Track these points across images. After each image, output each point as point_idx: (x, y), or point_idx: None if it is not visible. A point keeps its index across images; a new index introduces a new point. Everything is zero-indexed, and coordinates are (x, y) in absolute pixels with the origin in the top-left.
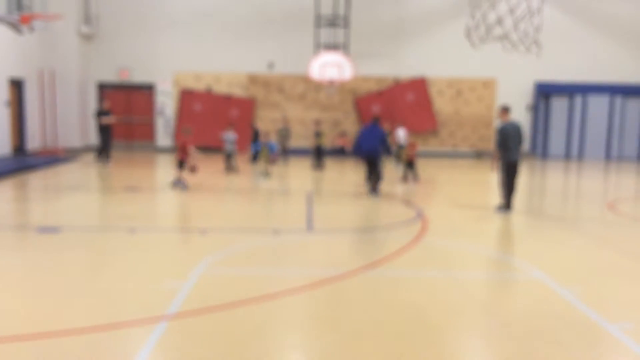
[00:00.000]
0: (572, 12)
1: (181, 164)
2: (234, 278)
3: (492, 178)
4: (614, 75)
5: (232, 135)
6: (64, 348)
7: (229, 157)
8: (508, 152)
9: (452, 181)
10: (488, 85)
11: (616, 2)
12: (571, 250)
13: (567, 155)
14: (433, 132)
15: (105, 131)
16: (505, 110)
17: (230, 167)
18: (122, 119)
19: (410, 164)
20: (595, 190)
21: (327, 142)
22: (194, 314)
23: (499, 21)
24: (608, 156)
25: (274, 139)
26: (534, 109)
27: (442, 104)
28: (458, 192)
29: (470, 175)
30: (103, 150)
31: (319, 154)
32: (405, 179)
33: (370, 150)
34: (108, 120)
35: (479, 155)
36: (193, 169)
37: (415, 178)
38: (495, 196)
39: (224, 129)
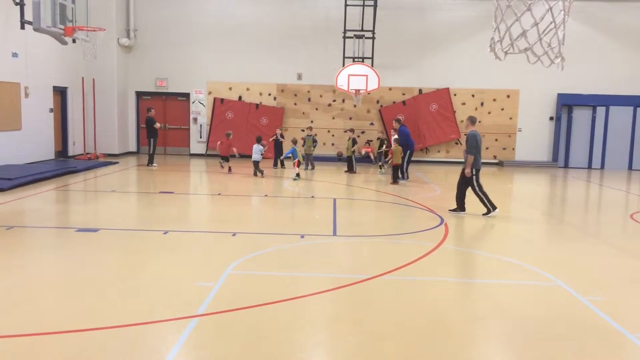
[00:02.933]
0: (594, 24)
1: (224, 158)
2: (262, 279)
3: (514, 187)
4: (637, 87)
5: (259, 147)
6: (99, 343)
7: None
8: (478, 158)
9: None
10: (511, 96)
11: (639, 14)
12: (593, 259)
13: (589, 166)
14: (456, 142)
15: (156, 137)
16: (472, 120)
17: (255, 173)
18: (163, 127)
19: (394, 168)
20: (618, 200)
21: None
22: (223, 312)
23: (524, 34)
24: (630, 167)
25: (296, 146)
26: (557, 119)
27: (465, 114)
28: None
29: (491, 184)
30: (152, 154)
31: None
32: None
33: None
34: (157, 126)
35: (501, 164)
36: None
37: (395, 180)
38: (516, 204)
39: (253, 137)
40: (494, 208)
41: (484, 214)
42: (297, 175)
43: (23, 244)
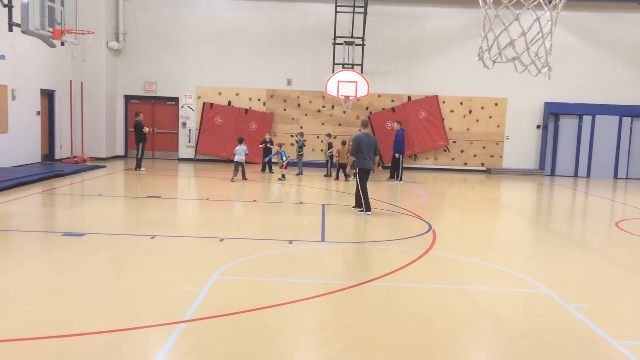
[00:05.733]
0: (582, 34)
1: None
2: (249, 285)
3: (501, 194)
4: (623, 97)
5: (242, 148)
6: (84, 348)
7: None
8: (362, 158)
9: (461, 197)
10: (499, 104)
11: (625, 25)
12: (579, 267)
13: (576, 174)
14: (445, 149)
15: (144, 141)
16: (363, 123)
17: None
18: (151, 131)
19: (341, 165)
20: (603, 209)
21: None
22: (210, 318)
23: (512, 43)
24: (616, 175)
25: (282, 149)
26: (544, 127)
27: (454, 122)
28: (468, 207)
29: (479, 192)
30: (140, 159)
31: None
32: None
33: None
34: (146, 130)
35: (488, 171)
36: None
37: (347, 177)
38: (503, 212)
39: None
40: (368, 209)
41: (354, 206)
42: (283, 176)
43: (8, 248)
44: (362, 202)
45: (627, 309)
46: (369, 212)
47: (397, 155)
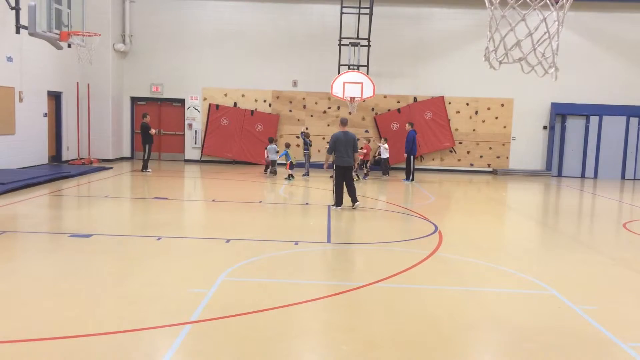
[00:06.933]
0: (588, 35)
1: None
2: (255, 286)
3: (508, 195)
4: (631, 98)
5: (274, 147)
6: (90, 349)
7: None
8: (339, 156)
9: (468, 198)
10: (505, 105)
11: (632, 25)
12: (587, 268)
13: (583, 175)
14: (451, 150)
15: (151, 143)
16: (341, 121)
17: (272, 171)
18: (158, 132)
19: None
20: (611, 210)
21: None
22: (217, 319)
23: (518, 44)
24: (623, 176)
25: (289, 150)
26: (550, 128)
27: (460, 123)
28: (474, 208)
29: (485, 193)
30: (146, 160)
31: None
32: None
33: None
34: (152, 132)
35: (495, 172)
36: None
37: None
38: (510, 213)
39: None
40: (339, 205)
41: (332, 205)
42: (290, 176)
43: (15, 249)
44: (334, 197)
45: (635, 311)
46: (339, 208)
47: (405, 154)
